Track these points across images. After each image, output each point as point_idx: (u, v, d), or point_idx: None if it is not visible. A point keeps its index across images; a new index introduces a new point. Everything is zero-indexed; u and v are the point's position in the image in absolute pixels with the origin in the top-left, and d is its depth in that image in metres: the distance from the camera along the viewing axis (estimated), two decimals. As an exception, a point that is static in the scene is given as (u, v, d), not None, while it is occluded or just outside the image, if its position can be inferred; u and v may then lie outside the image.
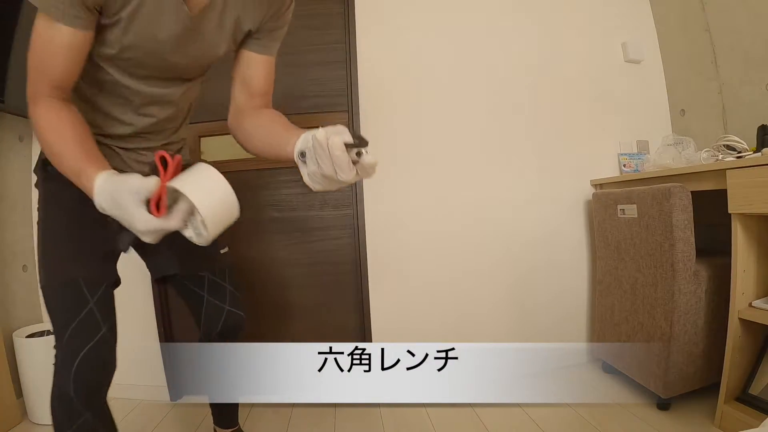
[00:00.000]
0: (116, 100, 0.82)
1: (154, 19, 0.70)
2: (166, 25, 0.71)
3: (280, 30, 0.86)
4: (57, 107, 0.68)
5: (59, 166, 0.67)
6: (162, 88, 0.83)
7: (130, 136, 0.87)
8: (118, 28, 0.69)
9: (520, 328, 1.90)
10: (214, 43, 0.80)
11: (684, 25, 1.91)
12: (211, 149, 1.84)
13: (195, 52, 0.80)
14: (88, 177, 0.62)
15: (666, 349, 1.40)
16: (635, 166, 1.94)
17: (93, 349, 0.74)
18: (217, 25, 0.78)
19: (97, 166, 0.63)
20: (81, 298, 0.77)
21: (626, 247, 1.59)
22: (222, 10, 0.77)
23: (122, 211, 0.57)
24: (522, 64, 1.93)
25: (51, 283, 0.79)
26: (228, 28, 0.79)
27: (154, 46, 0.74)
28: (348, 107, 1.82)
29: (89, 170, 0.62)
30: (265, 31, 0.84)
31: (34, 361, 1.55)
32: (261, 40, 0.85)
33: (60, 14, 0.63)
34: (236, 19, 0.80)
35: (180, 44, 0.76)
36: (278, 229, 1.82)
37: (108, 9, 0.67)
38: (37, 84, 0.68)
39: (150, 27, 0.70)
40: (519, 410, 1.51)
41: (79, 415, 0.74)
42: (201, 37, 0.78)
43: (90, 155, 0.65)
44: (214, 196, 0.53)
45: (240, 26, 0.81)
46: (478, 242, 1.88)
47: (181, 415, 1.63)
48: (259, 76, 0.86)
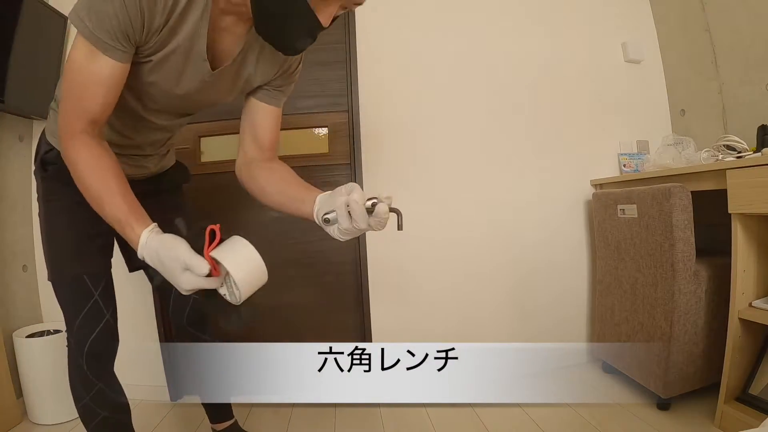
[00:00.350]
0: (121, 118, 0.86)
1: (179, 69, 0.75)
2: (187, 76, 0.77)
3: (288, 87, 0.91)
4: (96, 149, 0.70)
5: (98, 208, 0.69)
6: (165, 120, 0.90)
7: (124, 146, 0.93)
8: (146, 67, 0.73)
9: (520, 328, 1.90)
10: (226, 92, 0.86)
11: (684, 25, 1.91)
12: (211, 149, 1.84)
13: (206, 99, 0.86)
14: (132, 230, 0.66)
15: (666, 349, 1.40)
16: (635, 166, 1.94)
17: (99, 333, 0.90)
18: (232, 80, 0.83)
19: (141, 221, 0.67)
20: (87, 292, 0.90)
21: (626, 247, 1.59)
22: (239, 67, 0.81)
23: (166, 272, 0.63)
24: (522, 64, 1.93)
25: (59, 279, 0.92)
26: (240, 82, 0.85)
27: (173, 90, 0.79)
28: (348, 107, 1.82)
29: (134, 225, 0.66)
30: (273, 86, 0.88)
31: (34, 361, 1.55)
32: (269, 92, 0.89)
33: (107, 46, 0.64)
34: (249, 75, 0.84)
35: (195, 93, 0.81)
36: (278, 229, 1.81)
37: (143, 50, 0.70)
38: (73, 118, 0.69)
39: (173, 74, 0.75)
40: (519, 410, 1.51)
41: (93, 385, 0.92)
42: (215, 89, 0.83)
43: (133, 208, 0.68)
44: (248, 265, 0.65)
45: (250, 81, 0.85)
46: (478, 242, 1.88)
47: (181, 415, 1.63)
48: (265, 125, 0.90)
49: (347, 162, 1.82)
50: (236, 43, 0.77)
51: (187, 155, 1.72)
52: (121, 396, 0.99)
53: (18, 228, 1.73)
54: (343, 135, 1.84)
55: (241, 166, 0.90)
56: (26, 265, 1.75)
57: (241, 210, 1.81)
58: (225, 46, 0.77)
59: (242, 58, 0.80)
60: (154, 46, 0.70)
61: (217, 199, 1.79)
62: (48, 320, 1.76)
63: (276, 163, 0.88)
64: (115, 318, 0.96)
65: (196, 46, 0.71)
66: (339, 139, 1.84)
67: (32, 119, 1.77)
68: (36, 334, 1.62)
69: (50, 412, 1.56)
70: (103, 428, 0.94)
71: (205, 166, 1.79)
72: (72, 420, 1.56)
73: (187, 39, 0.70)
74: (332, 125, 1.84)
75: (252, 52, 0.80)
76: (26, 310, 1.73)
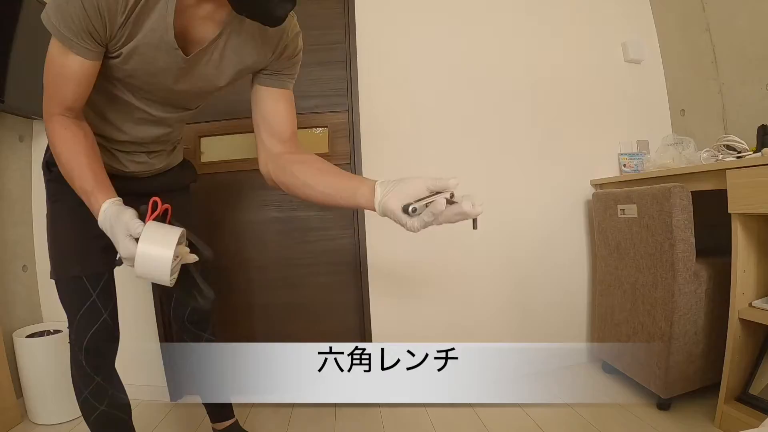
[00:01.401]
0: (118, 111, 0.88)
1: (151, 59, 0.76)
2: (162, 66, 0.78)
3: (290, 69, 0.90)
4: (71, 127, 0.76)
5: (69, 180, 0.75)
6: (162, 112, 0.90)
7: (126, 142, 0.94)
8: (119, 60, 0.76)
9: (520, 327, 1.90)
10: (213, 77, 0.85)
11: (684, 25, 1.91)
12: (211, 149, 1.84)
13: (194, 84, 0.85)
14: (96, 200, 0.71)
15: (666, 349, 1.40)
16: (635, 166, 1.94)
17: (97, 331, 0.93)
18: (216, 66, 0.83)
19: (104, 192, 0.72)
20: (85, 291, 0.92)
21: (626, 247, 1.59)
22: (222, 51, 0.81)
23: (114, 237, 0.68)
24: (522, 64, 1.93)
25: (59, 277, 0.94)
26: (228, 66, 0.84)
27: (152, 78, 0.80)
28: (348, 107, 1.82)
29: (98, 195, 0.71)
30: (273, 69, 0.88)
31: (34, 361, 1.55)
32: (272, 75, 0.88)
33: (72, 44, 0.69)
34: (240, 59, 0.83)
35: (177, 78, 0.82)
36: (278, 229, 1.82)
37: (111, 45, 0.73)
38: (51, 103, 0.75)
39: (147, 65, 0.77)
40: (519, 410, 1.51)
41: (91, 380, 0.94)
42: (197, 73, 0.83)
43: (98, 181, 0.73)
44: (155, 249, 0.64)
45: (244, 64, 0.85)
46: (478, 242, 1.88)
47: (181, 415, 1.63)
48: (277, 113, 0.88)
49: (347, 162, 1.82)
50: (217, 29, 0.78)
51: (187, 155, 1.69)
52: (122, 394, 1.01)
53: (18, 228, 1.73)
54: (343, 135, 1.84)
55: (266, 163, 0.88)
56: (26, 265, 1.75)
57: (241, 210, 1.81)
58: (204, 34, 0.77)
59: (224, 43, 0.80)
60: (122, 40, 0.72)
61: (217, 199, 1.79)
62: (48, 320, 1.76)
63: (306, 155, 0.86)
64: (114, 317, 0.98)
65: (165, 35, 0.73)
66: (339, 139, 1.84)
67: (32, 119, 1.77)
68: (36, 334, 1.62)
69: (50, 412, 1.56)
70: (101, 423, 0.96)
71: (205, 166, 1.79)
72: (72, 420, 1.56)
73: (153, 30, 0.72)
74: (332, 125, 1.84)
75: (236, 35, 0.80)
76: (26, 310, 1.73)
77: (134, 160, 0.98)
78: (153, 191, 1.06)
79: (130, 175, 0.99)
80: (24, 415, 1.60)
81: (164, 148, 1.04)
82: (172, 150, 1.09)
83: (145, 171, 1.02)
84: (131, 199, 0.97)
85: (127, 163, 0.98)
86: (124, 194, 0.74)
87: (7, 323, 1.60)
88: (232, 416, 1.29)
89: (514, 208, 1.90)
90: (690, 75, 1.92)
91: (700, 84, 1.86)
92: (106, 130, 0.91)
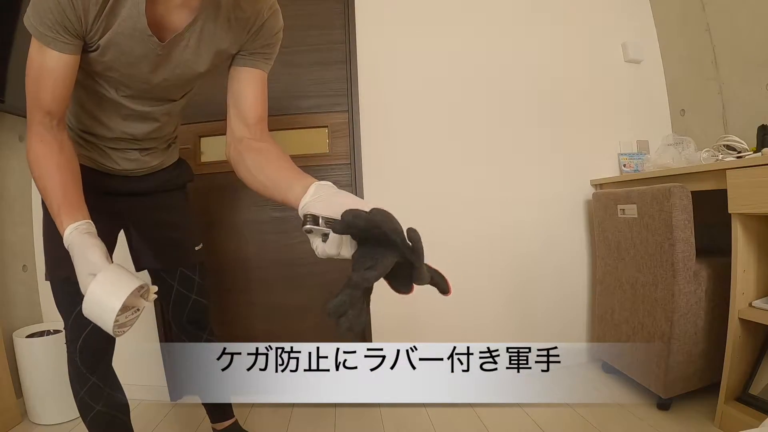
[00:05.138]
0: (104, 109, 0.89)
1: (128, 49, 0.76)
2: (138, 55, 0.78)
3: (267, 48, 0.85)
4: (47, 138, 0.75)
5: (42, 196, 0.76)
6: (145, 106, 0.90)
7: (117, 139, 0.95)
8: (97, 53, 0.76)
9: (520, 327, 1.90)
10: (192, 62, 0.84)
11: (684, 25, 1.91)
12: (211, 149, 1.84)
13: (172, 72, 0.84)
14: (61, 222, 0.70)
15: (666, 349, 1.40)
16: (635, 166, 1.94)
17: (90, 333, 0.92)
18: (194, 51, 0.82)
19: (71, 216, 0.71)
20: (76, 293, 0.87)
21: (626, 247, 1.59)
22: (199, 35, 0.80)
23: (75, 267, 0.66)
24: (522, 64, 1.93)
25: (53, 278, 0.94)
26: (205, 51, 0.83)
27: (130, 69, 0.80)
28: (348, 107, 1.82)
29: (63, 218, 0.70)
30: (249, 50, 0.85)
31: (34, 361, 1.55)
32: (246, 55, 0.85)
33: (48, 39, 0.69)
34: (218, 42, 0.82)
35: (155, 66, 0.81)
36: (278, 229, 1.82)
37: (89, 38, 0.74)
38: (31, 111, 0.74)
39: (123, 55, 0.77)
40: (519, 410, 1.51)
41: (87, 379, 0.94)
42: (175, 59, 0.82)
43: (68, 202, 0.72)
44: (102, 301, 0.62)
45: (221, 47, 0.83)
46: (478, 242, 1.88)
47: (181, 415, 1.63)
48: (247, 94, 0.84)
49: (347, 162, 1.82)
50: (192, 15, 0.78)
51: (187, 155, 1.71)
52: (119, 393, 1.01)
53: (18, 228, 1.73)
54: (343, 135, 1.84)
55: (229, 147, 0.83)
56: (26, 265, 1.75)
57: (241, 210, 1.81)
58: (180, 21, 0.78)
59: (200, 27, 0.79)
60: (98, 32, 0.73)
61: (217, 199, 1.79)
62: (48, 320, 1.76)
63: (266, 144, 0.79)
64: None
65: (138, 24, 0.73)
66: (339, 139, 1.84)
67: (32, 119, 1.77)
68: (36, 334, 1.62)
69: (50, 412, 1.56)
70: (98, 422, 0.97)
71: (205, 166, 1.79)
72: (72, 420, 1.56)
73: (126, 19, 0.72)
74: (332, 125, 1.84)
75: (212, 20, 0.79)
76: (26, 310, 1.73)
77: (127, 157, 0.98)
78: (147, 190, 1.06)
79: (124, 173, 0.99)
80: (24, 415, 1.60)
81: (157, 145, 1.03)
82: (167, 148, 1.09)
83: (138, 169, 1.01)
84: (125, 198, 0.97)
85: (120, 160, 0.98)
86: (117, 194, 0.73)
87: (7, 323, 1.60)
88: (232, 416, 1.29)
89: (514, 208, 1.90)
90: (690, 75, 1.92)
91: (700, 84, 1.86)
92: (96, 127, 0.92)
